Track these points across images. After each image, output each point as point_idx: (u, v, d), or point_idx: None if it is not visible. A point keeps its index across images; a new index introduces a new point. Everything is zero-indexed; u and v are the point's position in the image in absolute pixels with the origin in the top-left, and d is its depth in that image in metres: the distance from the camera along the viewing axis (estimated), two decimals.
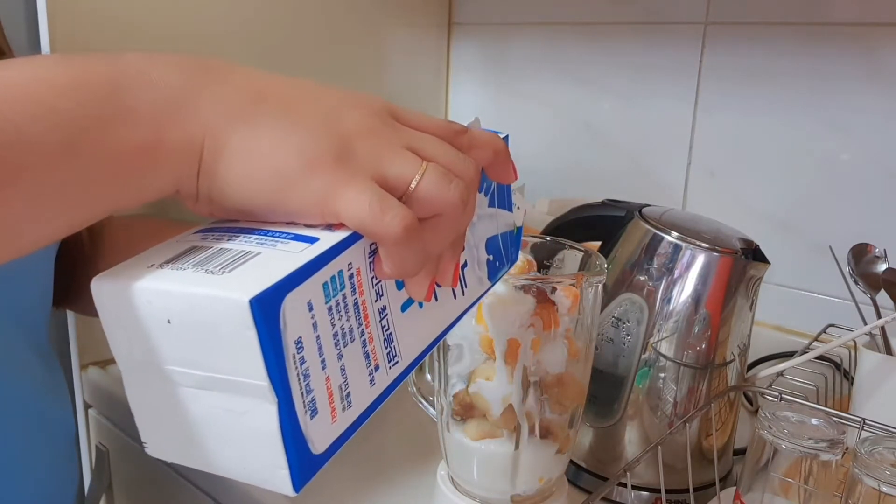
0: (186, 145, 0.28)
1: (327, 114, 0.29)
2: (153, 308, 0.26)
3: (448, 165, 0.30)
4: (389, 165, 0.29)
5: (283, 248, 0.27)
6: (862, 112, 0.85)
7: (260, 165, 0.28)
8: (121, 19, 0.84)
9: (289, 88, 0.30)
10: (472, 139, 0.33)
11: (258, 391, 0.25)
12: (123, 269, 0.27)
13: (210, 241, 0.28)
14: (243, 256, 0.26)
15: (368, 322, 0.29)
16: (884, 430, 0.49)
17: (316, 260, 0.26)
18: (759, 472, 0.50)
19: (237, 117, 0.28)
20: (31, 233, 0.27)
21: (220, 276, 0.25)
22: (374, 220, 0.27)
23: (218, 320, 0.24)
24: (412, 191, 0.28)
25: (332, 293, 0.27)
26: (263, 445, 0.26)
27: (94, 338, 0.87)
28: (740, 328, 0.59)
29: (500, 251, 0.40)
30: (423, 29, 1.19)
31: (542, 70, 1.13)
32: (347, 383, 0.28)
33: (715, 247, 0.57)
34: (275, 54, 0.98)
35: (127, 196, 0.28)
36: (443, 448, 0.54)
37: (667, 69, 0.99)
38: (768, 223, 0.93)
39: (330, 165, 0.27)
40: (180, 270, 0.26)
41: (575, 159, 1.11)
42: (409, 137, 0.30)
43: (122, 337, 0.27)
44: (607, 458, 0.61)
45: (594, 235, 0.64)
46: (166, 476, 0.74)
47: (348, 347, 0.28)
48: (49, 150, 0.25)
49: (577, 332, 0.49)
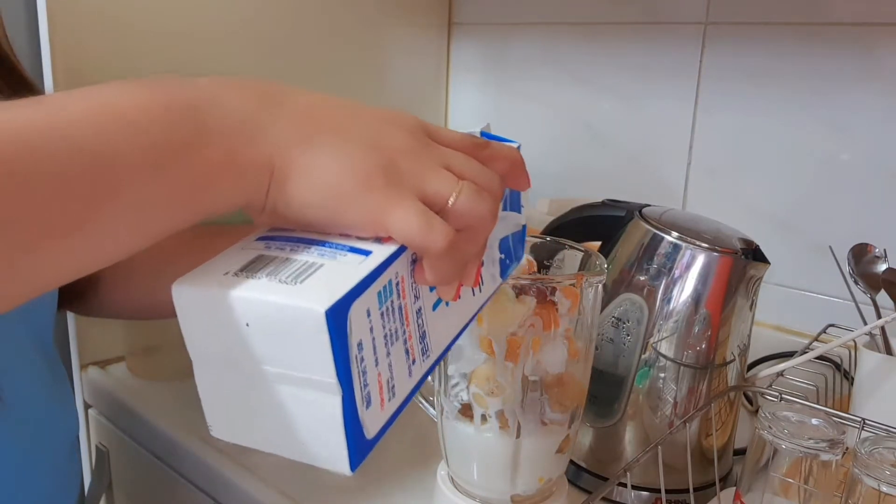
0: (259, 164, 0.31)
1: (373, 134, 0.33)
2: (233, 313, 0.29)
3: (478, 182, 0.34)
4: (430, 184, 0.32)
5: (342, 260, 0.30)
6: (862, 112, 0.85)
7: (321, 184, 0.31)
8: (121, 19, 0.84)
9: (337, 109, 0.34)
10: (493, 152, 0.37)
11: (326, 386, 0.29)
12: (201, 274, 0.30)
13: (274, 251, 0.31)
14: (309, 267, 0.30)
15: (409, 322, 0.33)
16: (884, 430, 0.49)
17: (373, 272, 0.30)
18: (760, 472, 0.50)
19: (300, 140, 0.31)
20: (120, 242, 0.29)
21: (294, 287, 0.28)
22: (421, 236, 0.31)
23: (294, 326, 0.28)
24: (450, 206, 0.32)
25: (385, 300, 0.31)
26: (327, 431, 0.30)
27: (94, 338, 0.87)
28: (740, 328, 0.59)
29: (510, 250, 0.43)
30: (423, 29, 1.19)
31: (542, 70, 1.13)
32: (393, 377, 0.32)
33: (715, 247, 0.57)
34: (275, 55, 0.98)
35: (203, 209, 0.30)
36: (443, 448, 0.54)
37: (667, 69, 0.99)
38: (768, 223, 0.93)
39: (381, 185, 0.31)
40: (256, 279, 0.29)
41: (575, 159, 1.11)
42: (443, 156, 0.34)
43: (199, 335, 0.30)
44: (607, 458, 0.61)
45: (594, 235, 0.64)
46: (166, 476, 0.74)
47: (394, 346, 0.32)
48: (142, 169, 0.28)
49: (578, 332, 0.49)
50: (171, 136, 0.29)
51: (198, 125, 0.29)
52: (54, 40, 0.79)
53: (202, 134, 0.29)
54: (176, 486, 0.73)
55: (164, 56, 0.88)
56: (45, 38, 0.79)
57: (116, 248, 0.29)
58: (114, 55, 0.84)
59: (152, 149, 0.28)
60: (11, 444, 0.52)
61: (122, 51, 0.85)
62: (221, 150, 0.30)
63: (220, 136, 0.30)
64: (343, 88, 1.08)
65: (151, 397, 0.79)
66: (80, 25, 0.81)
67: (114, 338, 0.87)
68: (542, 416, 0.50)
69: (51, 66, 0.79)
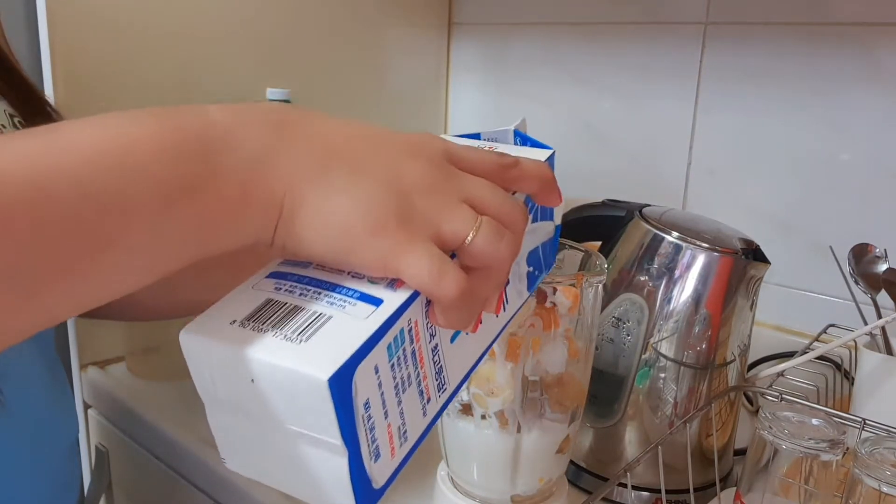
0: (269, 202, 0.30)
1: (391, 168, 0.31)
2: (238, 368, 0.28)
3: (500, 216, 0.32)
4: (447, 222, 0.31)
5: (351, 311, 0.29)
6: (862, 112, 0.85)
7: (332, 224, 0.30)
8: (120, 20, 0.84)
9: (355, 141, 0.32)
10: (521, 172, 0.35)
11: (332, 447, 0.28)
12: (208, 321, 0.29)
13: (284, 295, 0.30)
14: (317, 320, 0.29)
15: (423, 364, 0.32)
16: (884, 430, 0.49)
17: (382, 327, 0.29)
18: (760, 472, 0.50)
19: (312, 177, 0.30)
20: (128, 280, 0.28)
21: (299, 346, 0.28)
22: (432, 284, 0.30)
23: (298, 389, 0.27)
24: (467, 245, 0.31)
25: (395, 351, 0.30)
26: (334, 485, 0.29)
27: (93, 338, 0.87)
28: (741, 328, 0.59)
29: (539, 261, 0.42)
30: (423, 29, 1.19)
31: (542, 70, 1.12)
32: (405, 423, 0.31)
33: (715, 247, 0.57)
34: (275, 56, 0.98)
35: (213, 248, 0.30)
36: (443, 448, 0.54)
37: (667, 69, 0.99)
38: (769, 223, 0.93)
39: (392, 228, 0.30)
40: (261, 333, 0.28)
41: (575, 159, 1.10)
42: (464, 188, 0.32)
43: (207, 380, 0.30)
44: (607, 459, 0.61)
45: (594, 235, 0.64)
46: (166, 476, 0.74)
47: (406, 392, 0.31)
48: (152, 211, 0.27)
49: (578, 332, 0.49)
50: (181, 178, 0.28)
51: (208, 166, 0.29)
52: (54, 42, 0.79)
53: (213, 175, 0.29)
54: (176, 486, 0.73)
55: (164, 58, 0.88)
56: (44, 39, 0.79)
57: (123, 286, 0.29)
58: (113, 57, 0.84)
59: (161, 191, 0.27)
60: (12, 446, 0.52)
61: (121, 52, 0.85)
62: (231, 189, 0.29)
63: (230, 175, 0.29)
64: (343, 88, 1.08)
65: (151, 397, 0.79)
66: (79, 26, 0.81)
67: (114, 338, 0.87)
68: (543, 417, 0.50)
69: (50, 68, 0.79)
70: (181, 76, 0.90)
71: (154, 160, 0.27)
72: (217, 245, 0.30)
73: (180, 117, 0.30)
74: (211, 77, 0.93)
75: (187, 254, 0.29)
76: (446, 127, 1.26)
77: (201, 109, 0.30)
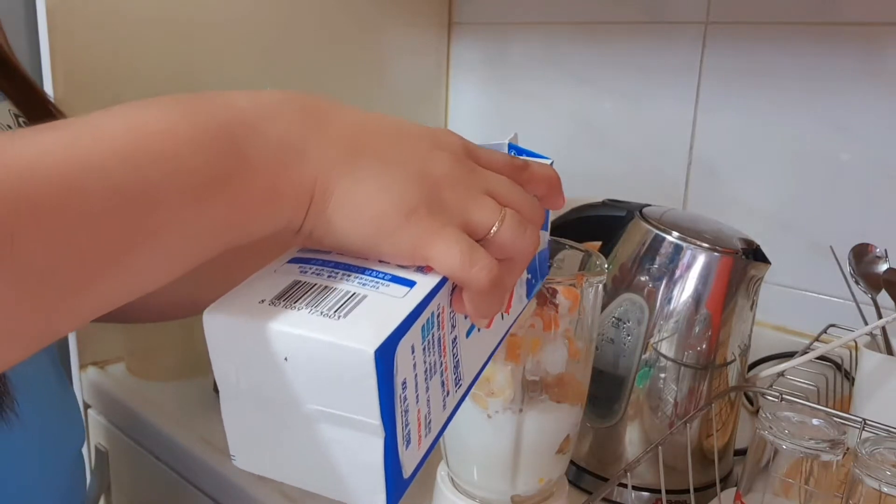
0: (299, 191, 0.30)
1: (418, 159, 0.32)
2: (271, 346, 0.27)
3: (521, 210, 0.33)
4: (473, 213, 0.31)
5: (385, 290, 0.29)
6: (863, 112, 0.85)
7: (362, 212, 0.30)
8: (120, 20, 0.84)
9: (381, 131, 0.32)
10: (532, 174, 0.36)
11: (369, 427, 0.27)
12: (234, 302, 0.28)
13: (311, 277, 0.30)
14: (351, 299, 0.28)
15: (445, 353, 0.32)
16: (885, 430, 0.48)
17: (418, 306, 0.29)
18: (760, 472, 0.50)
19: (343, 164, 0.30)
20: (160, 274, 0.28)
21: (337, 322, 0.27)
22: (463, 271, 0.30)
23: (338, 365, 0.26)
24: (492, 236, 0.31)
25: (427, 334, 0.30)
26: (365, 472, 0.28)
27: (93, 338, 0.87)
28: (741, 328, 0.59)
29: (536, 270, 0.42)
30: (423, 29, 1.19)
31: (542, 70, 1.12)
32: (430, 411, 0.31)
33: (716, 247, 0.57)
34: (275, 55, 0.98)
35: (244, 235, 0.29)
36: (443, 448, 0.54)
37: (667, 69, 0.99)
38: (769, 223, 0.93)
39: (423, 215, 0.30)
40: (296, 311, 0.27)
41: (575, 159, 1.10)
42: (487, 182, 0.33)
43: (230, 367, 0.29)
44: (608, 459, 0.60)
45: (594, 235, 0.64)
46: (165, 476, 0.74)
47: (432, 379, 0.31)
48: (182, 205, 0.27)
49: (578, 333, 0.49)
50: (211, 170, 0.27)
51: (238, 156, 0.28)
52: (54, 41, 0.79)
53: (243, 165, 0.28)
54: (175, 486, 0.73)
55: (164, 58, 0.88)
56: (44, 39, 0.79)
57: (155, 280, 0.28)
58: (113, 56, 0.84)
59: (192, 184, 0.27)
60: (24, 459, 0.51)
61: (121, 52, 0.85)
62: (262, 179, 0.29)
63: (261, 165, 0.29)
64: (343, 88, 1.07)
65: (151, 397, 0.79)
66: (79, 25, 0.81)
67: (113, 338, 0.87)
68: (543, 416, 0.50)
69: (50, 67, 0.79)
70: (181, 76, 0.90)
71: (184, 152, 0.27)
72: (248, 233, 0.29)
73: (207, 105, 0.29)
74: (211, 76, 0.93)
75: (219, 243, 0.29)
76: (446, 127, 1.26)
77: (227, 97, 0.30)
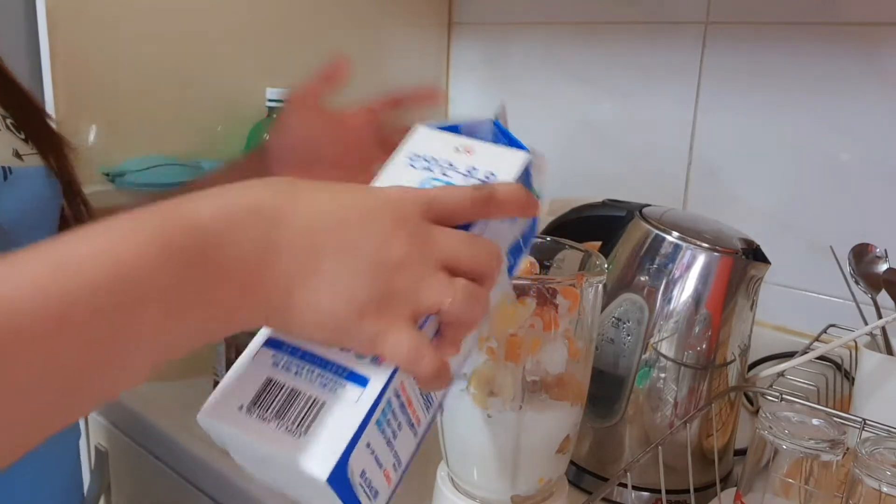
0: (263, 296, 0.33)
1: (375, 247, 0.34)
2: (249, 448, 0.33)
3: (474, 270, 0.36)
4: (424, 297, 0.34)
5: (341, 394, 0.33)
6: (862, 112, 0.85)
7: (321, 312, 0.33)
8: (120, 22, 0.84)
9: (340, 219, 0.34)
10: (498, 203, 0.38)
11: None
12: (220, 405, 0.33)
13: (281, 373, 0.34)
14: (312, 407, 0.33)
15: (412, 406, 0.35)
16: (884, 430, 0.48)
17: (370, 410, 0.32)
18: (760, 472, 0.50)
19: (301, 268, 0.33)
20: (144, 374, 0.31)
21: (298, 440, 0.32)
22: (410, 364, 0.33)
23: (301, 476, 0.31)
24: (444, 310, 0.34)
25: (384, 420, 0.33)
26: None
27: None
28: (741, 328, 0.59)
29: (519, 248, 0.43)
30: (423, 29, 1.19)
31: (543, 70, 1.12)
32: (399, 456, 0.35)
33: (716, 247, 0.57)
34: (274, 55, 0.98)
35: (213, 337, 0.33)
36: (443, 448, 0.54)
37: (667, 69, 0.99)
38: (769, 223, 0.93)
39: (373, 313, 0.33)
40: (266, 423, 0.32)
41: (575, 159, 1.10)
42: (442, 252, 0.35)
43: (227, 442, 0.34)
44: (608, 459, 0.60)
45: (594, 235, 0.64)
46: (165, 476, 0.74)
47: (398, 437, 0.35)
48: (157, 320, 0.30)
49: (578, 333, 0.49)
50: (180, 289, 0.30)
51: (206, 272, 0.31)
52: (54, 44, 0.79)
53: (210, 280, 0.31)
54: (175, 486, 0.73)
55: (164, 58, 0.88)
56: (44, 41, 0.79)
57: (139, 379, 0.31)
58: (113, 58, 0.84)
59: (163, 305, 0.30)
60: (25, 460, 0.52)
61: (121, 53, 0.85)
62: (232, 291, 0.32)
63: (226, 277, 0.31)
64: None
65: (151, 397, 0.79)
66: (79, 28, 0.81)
67: None
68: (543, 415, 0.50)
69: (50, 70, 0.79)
70: (181, 76, 0.90)
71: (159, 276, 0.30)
72: (217, 335, 0.33)
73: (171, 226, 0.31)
74: (211, 77, 0.93)
75: (190, 346, 0.32)
76: None
77: (190, 211, 0.32)
